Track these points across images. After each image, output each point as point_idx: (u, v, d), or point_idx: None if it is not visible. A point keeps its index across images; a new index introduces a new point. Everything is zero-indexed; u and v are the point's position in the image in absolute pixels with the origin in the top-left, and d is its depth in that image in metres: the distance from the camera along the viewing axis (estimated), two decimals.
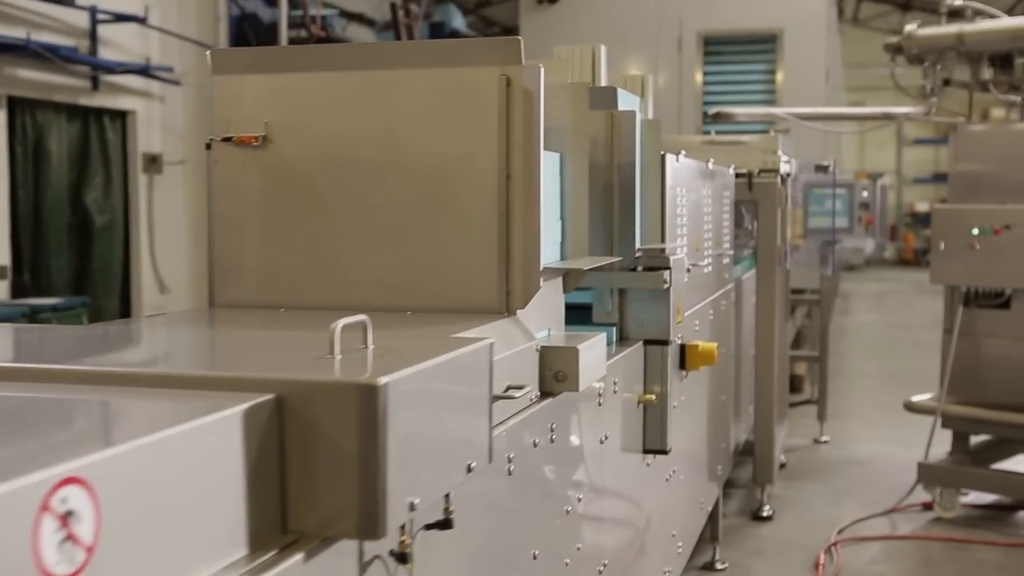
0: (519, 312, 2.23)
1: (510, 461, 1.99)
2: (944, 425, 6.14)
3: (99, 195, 9.14)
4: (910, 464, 6.09)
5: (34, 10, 8.24)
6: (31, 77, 8.26)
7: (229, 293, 2.39)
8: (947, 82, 5.86)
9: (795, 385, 9.65)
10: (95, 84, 8.88)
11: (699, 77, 9.40)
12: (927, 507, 5.98)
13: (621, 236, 3.12)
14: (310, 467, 1.32)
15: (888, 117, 6.54)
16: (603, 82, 3.89)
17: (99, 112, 9.12)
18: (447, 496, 1.58)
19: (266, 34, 10.50)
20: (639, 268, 3.23)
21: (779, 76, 9.19)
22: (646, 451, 3.23)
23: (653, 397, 3.15)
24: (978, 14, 5.92)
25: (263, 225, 2.36)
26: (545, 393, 2.26)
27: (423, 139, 2.26)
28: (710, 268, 4.53)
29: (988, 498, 6.14)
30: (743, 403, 5.92)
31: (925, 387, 6.63)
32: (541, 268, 2.22)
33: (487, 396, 1.66)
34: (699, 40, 9.37)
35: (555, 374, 2.26)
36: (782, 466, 6.94)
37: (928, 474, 5.95)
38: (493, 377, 1.73)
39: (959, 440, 6.16)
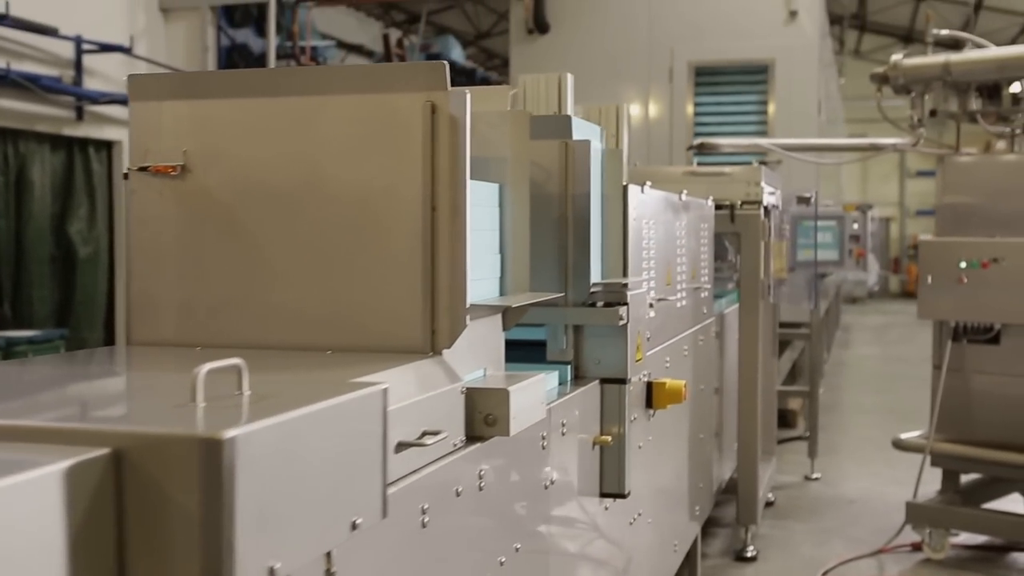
0: (447, 352, 2.11)
1: (424, 512, 1.86)
2: (933, 463, 5.98)
3: (83, 226, 9.05)
4: (902, 503, 5.92)
5: (18, 40, 8.18)
6: (13, 107, 8.18)
7: (146, 331, 2.27)
8: (933, 113, 5.74)
9: (788, 420, 9.50)
10: (79, 114, 8.81)
11: (690, 108, 9.30)
12: (916, 548, 5.82)
13: (575, 270, 3.00)
14: (151, 531, 1.19)
15: (876, 148, 6.41)
16: (570, 111, 3.78)
17: (84, 142, 9.04)
18: (328, 555, 1.45)
19: (256, 64, 10.43)
20: (599, 304, 3.10)
21: (771, 107, 9.09)
22: (603, 495, 3.09)
23: (609, 439, 3.01)
24: (963, 44, 5.81)
25: (181, 259, 2.24)
26: (474, 438, 2.13)
27: (346, 168, 2.14)
28: (684, 302, 4.41)
29: (979, 539, 5.97)
30: (727, 440, 5.78)
31: (922, 423, 6.46)
32: (468, 305, 2.09)
33: (379, 446, 1.53)
34: (690, 71, 9.27)
35: (485, 417, 2.14)
36: (770, 504, 6.78)
37: (917, 514, 5.79)
38: (389, 424, 1.61)
39: (949, 479, 6.00)
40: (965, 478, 6.06)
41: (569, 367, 3.02)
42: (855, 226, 7.41)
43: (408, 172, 2.10)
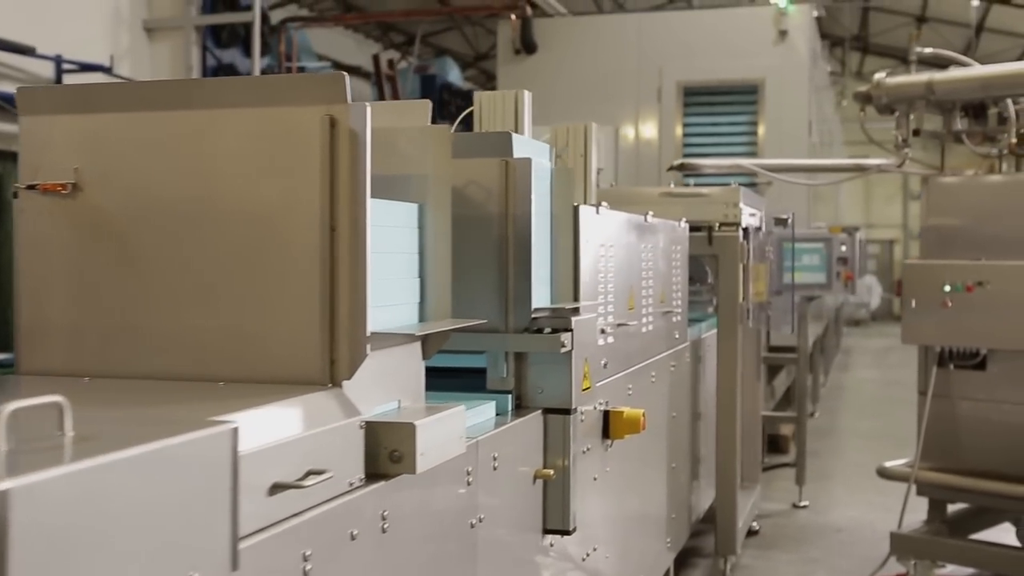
0: (347, 383, 1.96)
1: (306, 559, 1.71)
2: (919, 492, 5.81)
3: None
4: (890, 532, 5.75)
5: None
6: None
7: (35, 359, 2.12)
8: (916, 132, 5.59)
9: (780, 446, 9.33)
10: None
11: (679, 128, 9.17)
12: None
13: (516, 295, 2.85)
14: None
15: (860, 169, 6.26)
16: (527, 129, 3.66)
17: None
18: None
19: None
20: (547, 331, 2.95)
21: (761, 127, 8.96)
22: (547, 531, 2.93)
23: (551, 472, 2.86)
24: (947, 63, 5.67)
25: (71, 282, 2.10)
26: (377, 475, 1.98)
27: (243, 186, 2.00)
28: (651, 327, 4.26)
29: (966, 570, 5.79)
30: (708, 468, 5.61)
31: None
32: (369, 333, 1.95)
33: (227, 491, 1.39)
34: (679, 90, 9.14)
35: (390, 454, 1.99)
36: (754, 533, 6.62)
37: (902, 544, 5.61)
38: (262, 464, 1.47)
39: (936, 508, 5.82)
40: (953, 507, 5.89)
41: (510, 396, 2.87)
42: (843, 248, 7.23)
43: (306, 190, 1.96)
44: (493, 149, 2.86)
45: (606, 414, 3.52)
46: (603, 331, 3.35)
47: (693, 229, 5.44)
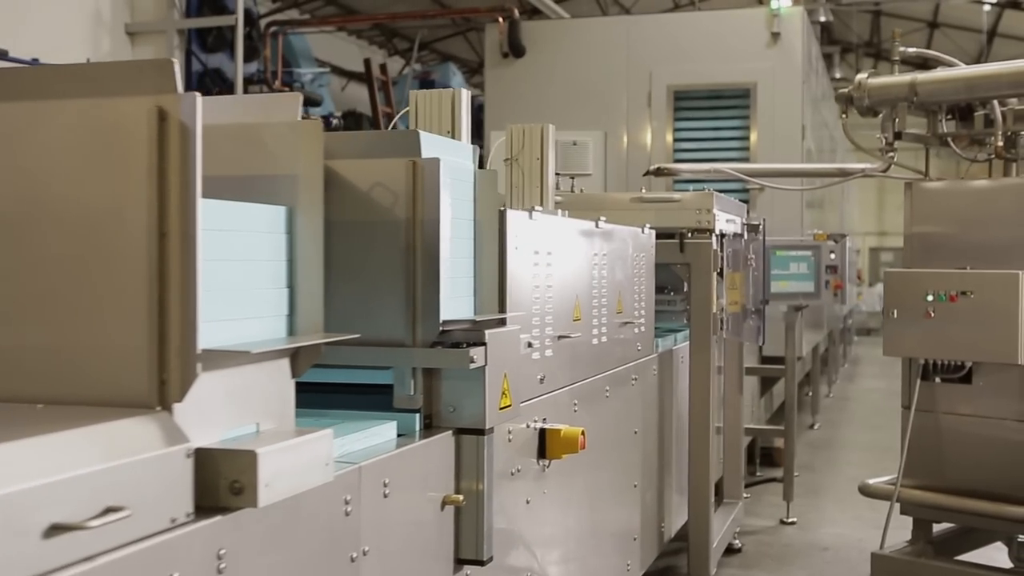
0: (179, 406, 1.75)
1: None
2: (903, 511, 5.57)
3: None
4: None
5: None
6: None
7: None
8: (898, 135, 5.35)
9: (775, 459, 9.07)
10: None
11: (670, 133, 8.94)
12: None
13: (424, 306, 2.64)
14: None
15: (844, 174, 6.03)
16: (464, 130, 3.46)
17: None
18: None
19: (231, 89, 10.17)
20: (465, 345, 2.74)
21: (753, 132, 8.73)
22: (460, 561, 2.71)
23: (461, 498, 2.64)
24: (930, 61, 5.44)
25: None
26: (215, 509, 1.77)
27: (66, 186, 1.80)
28: (603, 339, 4.04)
29: None
30: (681, 484, 5.38)
31: None
32: (199, 350, 1.74)
33: None
34: (669, 94, 8.92)
35: (231, 485, 1.78)
36: (736, 551, 6.37)
37: (883, 566, 5.37)
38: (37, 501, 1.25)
39: (920, 528, 5.56)
40: (942, 527, 5.64)
41: (417, 416, 2.66)
42: (832, 256, 6.99)
43: (133, 191, 1.75)
44: (399, 149, 2.66)
45: (542, 432, 3.31)
46: (530, 344, 3.13)
47: (666, 236, 5.23)
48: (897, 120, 5.48)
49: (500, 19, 9.02)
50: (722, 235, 5.34)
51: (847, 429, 11.41)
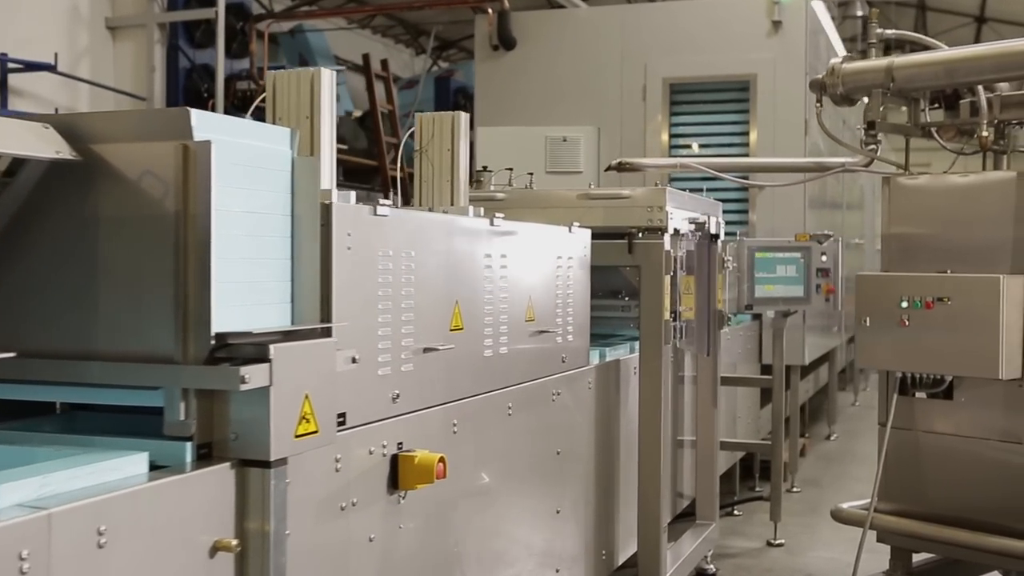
0: None
1: None
2: (879, 539, 5.09)
3: None
4: None
5: None
6: None
7: None
8: (871, 125, 4.86)
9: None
10: None
11: (666, 128, 8.47)
12: None
13: (195, 315, 2.24)
14: None
15: (822, 169, 5.55)
16: (327, 113, 3.07)
17: None
18: None
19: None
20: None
21: (752, 126, 8.24)
22: None
23: (235, 543, 2.23)
24: (911, 44, 4.96)
25: None
26: None
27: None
28: (504, 350, 3.61)
29: None
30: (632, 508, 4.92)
31: None
32: None
33: None
34: (665, 87, 8.44)
35: None
36: None
37: None
38: None
39: (899, 557, 5.08)
40: (920, 556, 5.14)
41: (188, 445, 2.25)
42: (823, 258, 6.50)
43: None
44: (169, 130, 2.26)
45: (395, 459, 2.90)
46: (354, 359, 2.70)
47: (612, 236, 4.80)
48: (874, 110, 4.99)
49: (489, 10, 8.61)
50: (678, 234, 4.89)
51: (865, 441, 10.80)
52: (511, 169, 5.32)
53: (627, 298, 5.44)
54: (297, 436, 2.36)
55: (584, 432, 4.38)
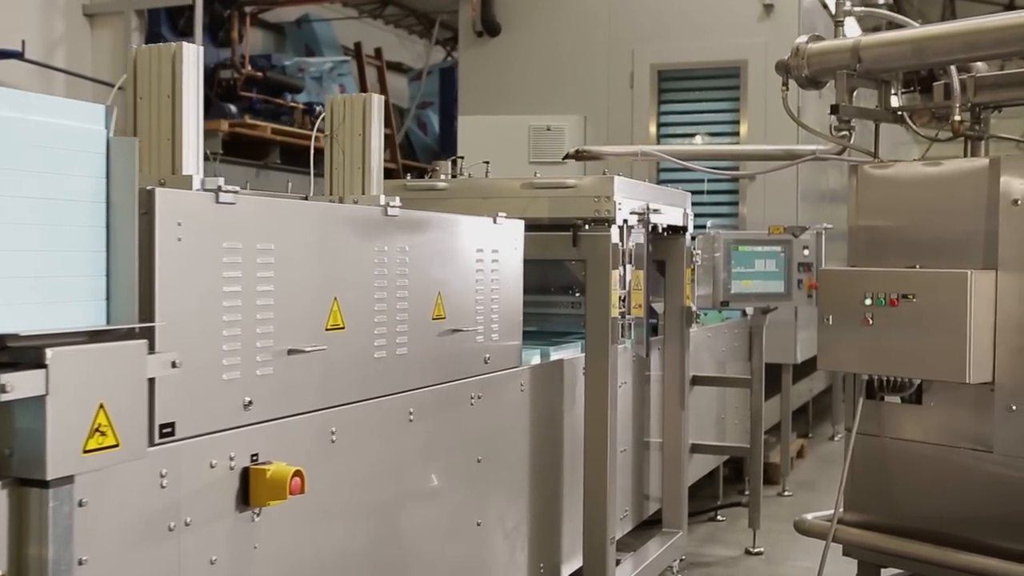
0: None
1: None
2: (845, 553, 4.76)
3: None
4: None
5: None
6: None
7: None
8: (835, 108, 4.53)
9: (770, 476, 8.23)
10: None
11: (654, 116, 8.14)
12: None
13: None
14: None
15: (792, 157, 5.22)
16: (192, 91, 2.83)
17: None
18: None
19: (206, 74, 9.62)
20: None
21: (743, 114, 7.90)
22: None
23: (1, 573, 1.97)
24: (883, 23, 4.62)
25: None
26: None
27: None
28: (403, 351, 3.33)
29: None
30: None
31: None
32: None
33: None
34: (653, 74, 8.12)
35: None
36: None
37: None
38: None
39: (866, 572, 4.75)
40: (890, 572, 4.81)
41: None
42: (806, 252, 6.16)
43: None
44: None
45: (245, 472, 2.63)
46: (175, 364, 2.42)
47: (560, 228, 4.51)
48: (840, 92, 4.66)
49: None
50: (627, 226, 4.58)
51: None
52: (487, 162, 5.01)
53: (579, 294, 5.14)
54: (88, 451, 2.08)
55: (515, 437, 4.09)
